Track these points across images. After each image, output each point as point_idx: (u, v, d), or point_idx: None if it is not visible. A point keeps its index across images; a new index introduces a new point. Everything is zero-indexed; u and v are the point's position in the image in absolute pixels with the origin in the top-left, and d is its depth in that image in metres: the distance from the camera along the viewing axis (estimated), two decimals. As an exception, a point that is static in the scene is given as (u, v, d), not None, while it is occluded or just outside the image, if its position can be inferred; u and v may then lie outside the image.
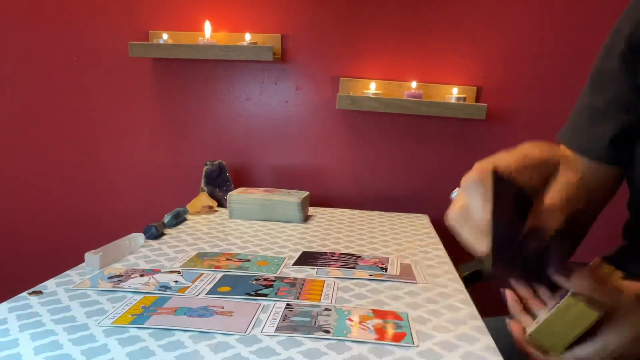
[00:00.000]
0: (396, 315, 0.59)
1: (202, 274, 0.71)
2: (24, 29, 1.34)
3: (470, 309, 0.62)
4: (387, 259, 0.81)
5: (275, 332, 0.53)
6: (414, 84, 1.24)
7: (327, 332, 0.53)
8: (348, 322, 0.56)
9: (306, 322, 0.56)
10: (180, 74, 1.32)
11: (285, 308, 0.60)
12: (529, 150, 0.48)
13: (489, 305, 1.04)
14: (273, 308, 0.59)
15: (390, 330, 0.55)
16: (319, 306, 0.60)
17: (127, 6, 1.30)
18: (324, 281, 0.70)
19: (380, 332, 0.54)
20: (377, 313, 0.59)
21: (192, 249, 0.83)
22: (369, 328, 0.55)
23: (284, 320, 0.56)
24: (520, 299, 0.53)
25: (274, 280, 0.69)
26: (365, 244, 0.90)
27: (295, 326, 0.55)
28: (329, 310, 0.59)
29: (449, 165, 1.29)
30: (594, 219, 0.70)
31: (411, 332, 0.55)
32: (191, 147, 1.35)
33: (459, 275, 0.75)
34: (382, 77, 1.27)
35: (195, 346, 0.50)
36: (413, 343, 0.52)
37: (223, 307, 0.59)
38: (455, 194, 0.51)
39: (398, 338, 0.53)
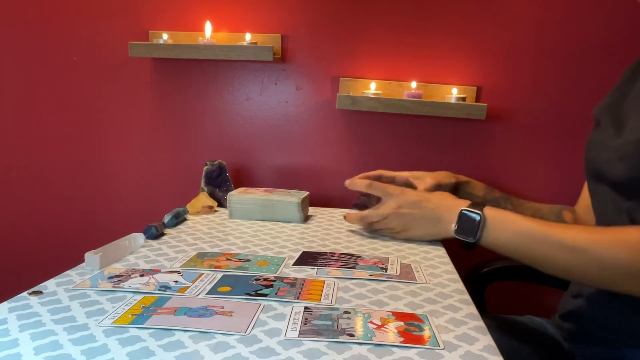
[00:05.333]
0: (417, 318, 0.58)
1: (202, 274, 0.71)
2: (23, 29, 1.34)
3: (470, 309, 0.62)
4: (387, 259, 0.81)
5: (299, 337, 0.52)
6: (414, 84, 1.24)
7: (352, 335, 0.53)
8: (371, 325, 0.56)
9: (328, 325, 0.55)
10: (180, 74, 1.32)
11: (305, 311, 0.59)
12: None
13: (491, 305, 1.04)
14: (292, 312, 0.59)
15: (416, 333, 0.54)
16: (337, 309, 0.60)
17: (127, 6, 1.30)
18: (324, 281, 0.70)
19: (406, 335, 0.53)
20: (397, 315, 0.59)
21: (192, 249, 0.83)
22: (393, 331, 0.54)
23: (305, 324, 0.55)
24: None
25: (274, 280, 0.69)
26: (365, 244, 0.90)
27: (318, 330, 0.54)
28: (349, 313, 0.59)
29: (449, 165, 1.29)
30: None
31: (435, 334, 0.54)
32: (191, 147, 1.35)
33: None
34: (382, 77, 1.27)
35: (195, 346, 0.50)
36: (439, 345, 0.52)
37: (223, 307, 0.59)
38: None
39: (424, 341, 0.53)
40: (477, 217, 0.77)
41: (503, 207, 0.98)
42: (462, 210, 0.80)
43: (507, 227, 0.75)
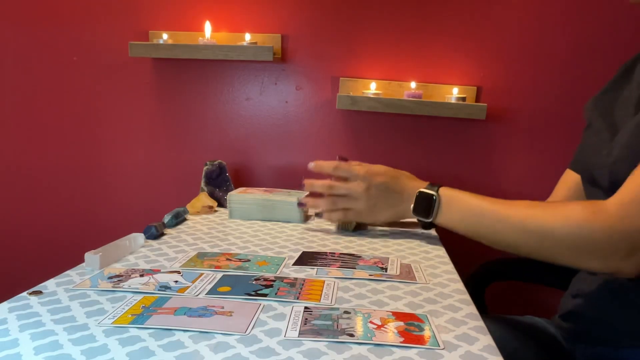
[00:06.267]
0: (417, 318, 0.58)
1: (202, 274, 0.71)
2: (24, 28, 1.34)
3: (470, 309, 0.62)
4: (387, 259, 0.81)
5: (298, 337, 0.52)
6: (413, 84, 1.24)
7: (352, 335, 0.53)
8: (370, 325, 0.56)
9: (328, 325, 0.55)
10: (180, 74, 1.32)
11: (305, 311, 0.59)
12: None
13: (491, 305, 1.04)
14: (292, 312, 0.59)
15: (416, 333, 0.54)
16: (337, 309, 0.60)
17: (127, 6, 1.30)
18: (324, 281, 0.69)
19: (405, 335, 0.53)
20: (397, 315, 0.59)
21: (192, 249, 0.83)
22: (393, 331, 0.54)
23: (305, 324, 0.55)
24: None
25: (274, 280, 0.69)
26: (365, 243, 0.90)
27: (318, 330, 0.54)
28: (349, 313, 0.59)
29: (449, 165, 1.29)
30: None
31: (435, 334, 0.54)
32: (191, 147, 1.35)
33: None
34: (382, 77, 1.27)
35: (195, 346, 0.50)
36: (439, 345, 0.52)
37: (223, 307, 0.59)
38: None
39: (424, 341, 0.52)
40: (432, 197, 0.82)
41: None
42: (419, 190, 0.84)
43: (459, 206, 0.79)
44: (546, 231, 0.68)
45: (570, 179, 0.94)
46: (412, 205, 0.85)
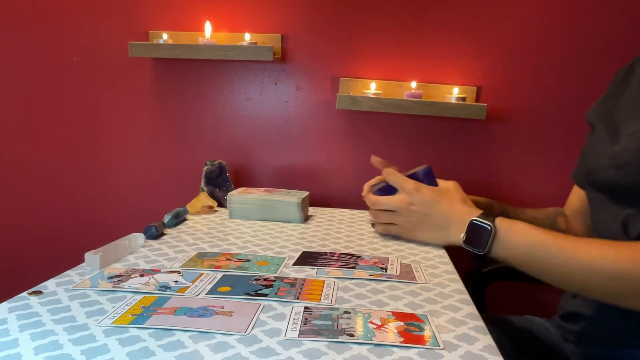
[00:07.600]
0: (417, 318, 0.58)
1: (202, 274, 0.71)
2: (24, 29, 1.34)
3: (470, 309, 0.62)
4: (387, 259, 0.81)
5: (299, 337, 0.52)
6: (414, 84, 1.24)
7: (352, 335, 0.53)
8: (370, 325, 0.56)
9: (328, 325, 0.55)
10: (180, 74, 1.32)
11: (305, 311, 0.59)
12: None
13: (491, 305, 1.04)
14: (292, 312, 0.59)
15: (416, 333, 0.54)
16: (337, 309, 0.60)
17: (127, 6, 1.30)
18: (324, 281, 0.70)
19: (405, 335, 0.53)
20: (397, 315, 0.59)
21: (192, 249, 0.83)
22: (393, 331, 0.54)
23: (305, 324, 0.55)
24: None
25: (274, 280, 0.69)
26: (365, 244, 0.90)
27: (318, 330, 0.54)
28: (349, 313, 0.59)
29: (448, 165, 1.29)
30: None
31: (435, 334, 0.54)
32: (191, 147, 1.35)
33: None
34: (382, 77, 1.27)
35: (195, 346, 0.50)
36: (439, 345, 0.52)
37: (223, 307, 0.59)
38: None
39: (424, 341, 0.53)
40: (488, 228, 0.74)
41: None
42: (472, 220, 0.76)
43: (519, 239, 0.73)
44: (624, 275, 0.62)
45: (580, 191, 0.94)
46: (462, 235, 0.78)
